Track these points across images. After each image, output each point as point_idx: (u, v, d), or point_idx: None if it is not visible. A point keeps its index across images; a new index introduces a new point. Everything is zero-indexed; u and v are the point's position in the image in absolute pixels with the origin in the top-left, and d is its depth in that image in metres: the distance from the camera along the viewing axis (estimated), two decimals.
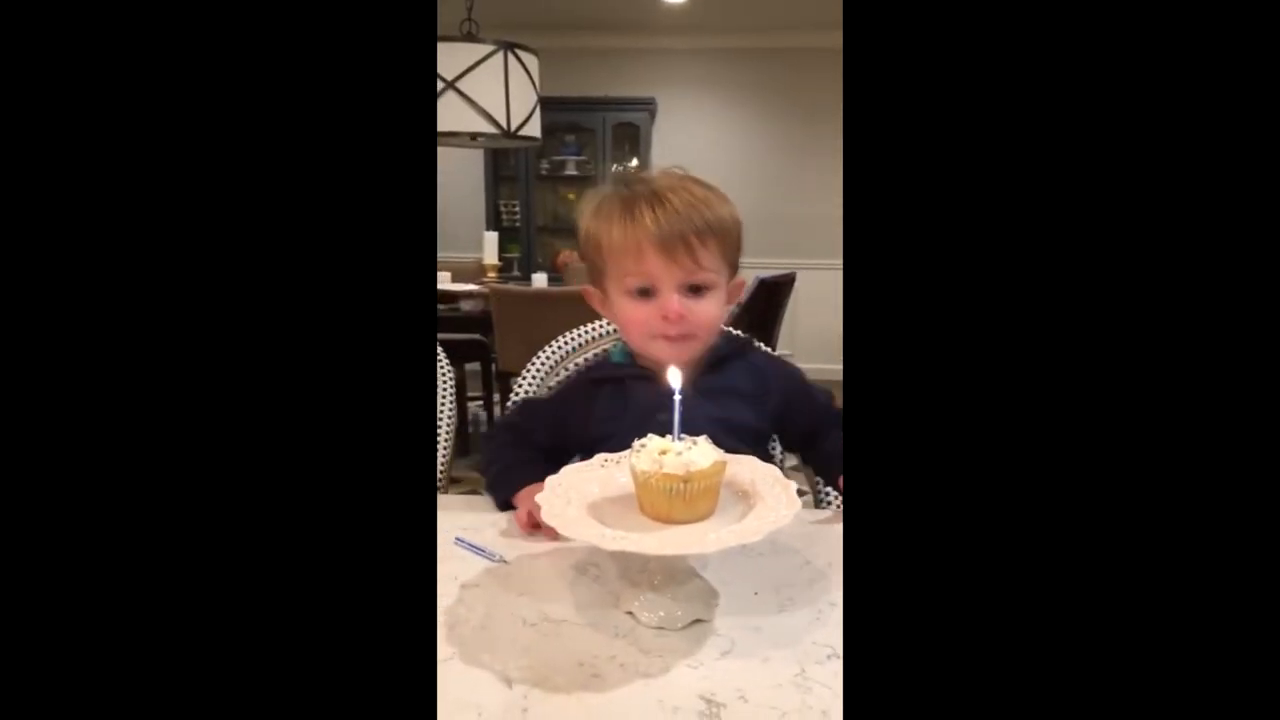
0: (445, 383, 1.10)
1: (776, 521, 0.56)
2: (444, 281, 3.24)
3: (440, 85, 2.69)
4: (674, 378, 0.61)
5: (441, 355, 1.10)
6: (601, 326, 1.13)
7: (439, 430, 1.08)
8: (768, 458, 0.91)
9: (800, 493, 0.58)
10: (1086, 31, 0.36)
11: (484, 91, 2.75)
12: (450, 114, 2.74)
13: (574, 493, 0.62)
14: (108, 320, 0.37)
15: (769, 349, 1.03)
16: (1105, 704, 0.35)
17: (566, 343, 1.12)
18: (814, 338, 4.68)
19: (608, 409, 0.83)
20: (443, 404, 1.10)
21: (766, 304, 3.23)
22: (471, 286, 3.23)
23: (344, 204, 0.40)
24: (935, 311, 0.38)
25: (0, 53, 0.36)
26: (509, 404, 1.09)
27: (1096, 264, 0.36)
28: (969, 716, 0.35)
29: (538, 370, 1.10)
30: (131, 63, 0.38)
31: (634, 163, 4.70)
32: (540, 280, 3.44)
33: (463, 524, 0.76)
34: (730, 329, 0.97)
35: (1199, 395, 0.35)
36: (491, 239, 3.50)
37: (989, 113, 0.37)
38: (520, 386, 1.09)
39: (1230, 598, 0.34)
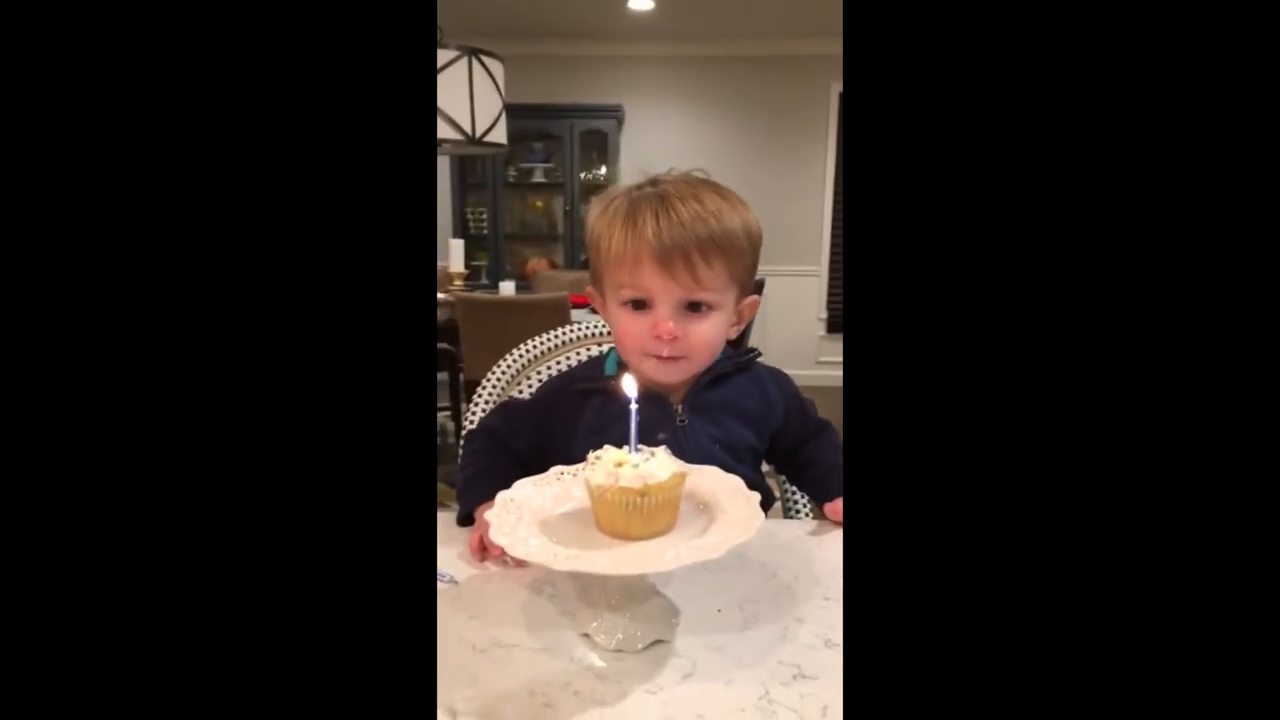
0: None
1: (739, 536, 0.53)
2: None
3: None
4: (629, 386, 0.58)
5: None
6: (568, 332, 1.10)
7: None
8: (761, 476, 0.87)
9: (766, 503, 0.56)
10: (1086, 35, 0.36)
11: (448, 97, 2.71)
12: None
13: (526, 509, 0.58)
14: (108, 325, 0.36)
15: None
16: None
17: (531, 349, 1.08)
18: (784, 343, 4.69)
19: (596, 422, 0.78)
20: None
21: None
22: (438, 295, 3.18)
23: (347, 207, 0.38)
24: (937, 319, 0.37)
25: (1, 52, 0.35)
26: (468, 413, 1.05)
27: (1100, 277, 0.35)
28: None
29: (500, 376, 1.07)
30: (138, 69, 0.36)
31: (602, 170, 4.68)
32: (508, 288, 3.40)
33: None
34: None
35: (1200, 405, 0.34)
36: (458, 246, 3.45)
37: (987, 118, 0.36)
38: (482, 394, 1.06)
39: (1232, 636, 0.33)
